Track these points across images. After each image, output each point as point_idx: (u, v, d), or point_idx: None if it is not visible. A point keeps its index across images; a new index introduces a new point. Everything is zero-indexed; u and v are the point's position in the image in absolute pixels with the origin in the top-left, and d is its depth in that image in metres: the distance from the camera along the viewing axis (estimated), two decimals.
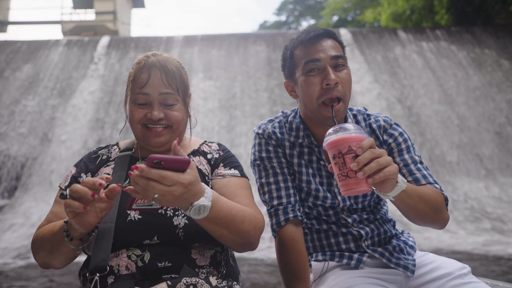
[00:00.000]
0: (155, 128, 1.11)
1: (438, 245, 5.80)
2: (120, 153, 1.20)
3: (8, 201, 7.95)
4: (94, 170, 1.16)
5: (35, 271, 4.72)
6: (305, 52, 1.15)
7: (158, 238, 1.01)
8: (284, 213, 1.19)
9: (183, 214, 1.02)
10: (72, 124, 9.30)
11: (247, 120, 9.31)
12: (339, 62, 1.14)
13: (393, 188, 0.91)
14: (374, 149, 0.86)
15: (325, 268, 1.27)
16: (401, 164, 1.20)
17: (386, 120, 1.26)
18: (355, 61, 10.67)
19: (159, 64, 1.11)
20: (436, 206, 1.08)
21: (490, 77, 10.36)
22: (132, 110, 1.12)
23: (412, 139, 7.58)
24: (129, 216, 1.02)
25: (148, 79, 1.09)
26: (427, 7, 14.70)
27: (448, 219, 1.14)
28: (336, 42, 1.18)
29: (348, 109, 1.27)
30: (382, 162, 0.85)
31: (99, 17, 16.70)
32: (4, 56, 11.06)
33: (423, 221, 1.10)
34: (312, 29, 1.18)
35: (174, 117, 1.12)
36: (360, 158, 0.85)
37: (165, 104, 1.11)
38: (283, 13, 28.66)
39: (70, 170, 1.18)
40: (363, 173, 0.85)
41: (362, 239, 1.24)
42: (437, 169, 8.71)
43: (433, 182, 1.16)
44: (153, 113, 1.09)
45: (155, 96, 1.09)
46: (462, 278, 1.13)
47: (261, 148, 1.27)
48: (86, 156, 1.22)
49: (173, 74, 1.12)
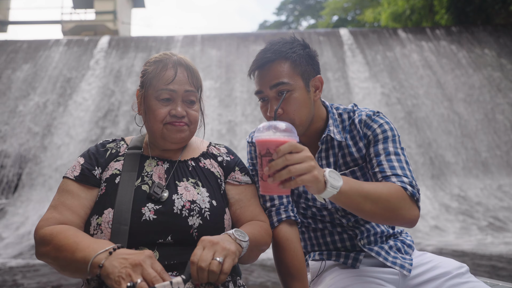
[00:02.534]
0: (178, 123, 1.11)
1: (438, 245, 5.81)
2: (129, 150, 1.17)
3: (9, 201, 7.96)
4: (104, 164, 1.13)
5: (35, 271, 4.73)
6: (254, 81, 1.19)
7: (172, 238, 1.01)
8: (277, 214, 1.20)
9: (197, 215, 1.04)
10: (72, 123, 9.31)
11: (247, 119, 9.31)
12: (281, 89, 1.12)
13: (321, 192, 0.89)
14: (292, 155, 0.83)
15: (323, 267, 1.28)
16: (372, 155, 1.16)
17: (369, 114, 1.22)
18: (355, 61, 10.68)
19: (184, 62, 1.14)
20: (389, 205, 1.00)
21: (490, 76, 10.37)
22: (156, 108, 1.10)
23: (411, 138, 7.52)
24: (143, 216, 1.01)
25: (175, 76, 1.10)
26: (427, 7, 14.69)
27: (415, 216, 1.05)
28: (284, 66, 1.13)
29: (334, 108, 1.29)
30: (294, 171, 0.82)
31: (99, 16, 16.70)
32: (4, 56, 11.07)
33: (375, 220, 1.06)
34: (260, 54, 1.16)
35: (194, 116, 1.14)
36: (272, 164, 0.83)
37: (188, 102, 1.13)
38: (283, 13, 28.64)
39: (78, 161, 1.14)
40: (273, 179, 0.84)
41: (357, 238, 1.25)
42: (436, 168, 8.72)
43: (401, 175, 1.08)
44: (178, 109, 1.10)
45: (181, 93, 1.11)
46: (460, 277, 1.14)
47: (252, 155, 1.33)
48: (93, 148, 1.18)
49: (196, 74, 1.16)
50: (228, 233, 0.97)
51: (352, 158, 1.23)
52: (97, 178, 1.11)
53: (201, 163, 1.19)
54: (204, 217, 1.04)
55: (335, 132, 1.22)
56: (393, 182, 1.07)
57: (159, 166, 1.15)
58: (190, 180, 1.13)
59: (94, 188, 1.09)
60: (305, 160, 0.84)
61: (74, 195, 1.06)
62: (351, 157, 1.23)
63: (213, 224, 1.05)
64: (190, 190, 1.09)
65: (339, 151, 1.24)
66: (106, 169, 1.13)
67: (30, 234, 6.53)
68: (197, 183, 1.13)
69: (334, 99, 9.68)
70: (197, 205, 1.05)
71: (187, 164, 1.17)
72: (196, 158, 1.20)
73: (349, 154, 1.23)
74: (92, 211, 1.06)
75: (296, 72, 1.14)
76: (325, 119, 1.26)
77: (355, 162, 1.23)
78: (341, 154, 1.24)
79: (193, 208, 1.04)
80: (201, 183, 1.13)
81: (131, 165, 1.12)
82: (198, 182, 1.13)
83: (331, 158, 1.25)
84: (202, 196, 1.08)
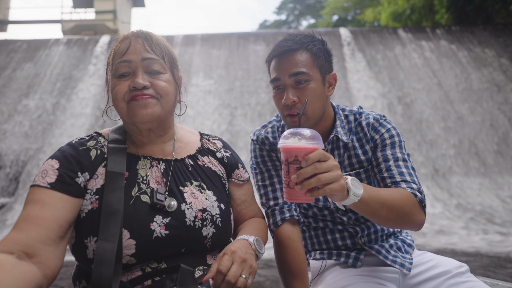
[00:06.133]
0: (140, 96, 0.94)
1: (437, 245, 5.81)
2: (111, 145, 1.00)
3: (9, 200, 7.97)
4: (91, 169, 0.94)
5: None
6: (271, 68, 1.19)
7: (185, 250, 0.95)
8: (281, 213, 1.21)
9: (210, 224, 0.98)
10: (72, 122, 9.31)
11: (248, 119, 9.31)
12: (300, 78, 1.13)
13: (344, 200, 0.90)
14: (320, 163, 0.83)
15: (323, 266, 1.28)
16: (380, 159, 1.18)
17: (376, 117, 1.24)
18: (355, 60, 10.68)
19: (141, 33, 1.00)
20: (402, 212, 1.02)
21: (490, 76, 10.37)
22: (115, 86, 0.96)
23: (411, 138, 7.53)
24: (154, 233, 0.90)
25: (129, 46, 0.97)
26: (427, 6, 14.70)
27: (423, 221, 1.08)
28: (304, 56, 1.15)
29: (340, 109, 1.30)
30: (323, 179, 0.82)
31: (99, 16, 16.69)
32: (4, 55, 11.07)
33: (387, 225, 1.07)
34: (281, 43, 1.17)
35: (162, 87, 0.97)
36: (301, 172, 0.83)
37: (150, 72, 0.97)
38: (283, 12, 28.65)
39: (50, 164, 0.91)
40: (301, 187, 0.83)
41: (358, 236, 1.26)
42: (436, 168, 8.72)
43: (410, 182, 1.11)
44: (137, 80, 0.94)
45: (138, 62, 0.96)
46: (459, 276, 1.14)
47: (256, 153, 1.32)
48: (68, 148, 0.96)
49: (157, 41, 1.01)
50: (250, 242, 0.95)
51: (358, 160, 1.24)
52: (82, 187, 0.91)
53: (200, 161, 1.09)
54: (217, 225, 1.00)
55: (342, 133, 1.23)
56: (403, 188, 1.09)
57: (154, 167, 1.01)
58: (194, 184, 1.03)
59: (76, 198, 0.89)
60: (333, 169, 0.84)
61: (45, 205, 0.84)
62: (357, 158, 1.24)
63: (224, 230, 1.02)
64: (198, 197, 1.00)
65: (344, 152, 1.25)
66: (94, 176, 0.94)
67: None
68: (202, 186, 1.04)
69: (334, 98, 9.69)
70: (208, 213, 0.99)
71: (185, 163, 1.06)
72: (193, 156, 1.10)
73: (355, 155, 1.24)
74: (85, 230, 0.89)
75: (316, 64, 1.16)
76: (333, 119, 1.27)
77: (361, 164, 1.24)
78: (347, 155, 1.25)
79: (205, 218, 0.98)
80: (206, 185, 1.05)
81: (117, 166, 0.95)
82: (202, 185, 1.04)
83: (336, 158, 1.25)
84: (211, 202, 1.02)
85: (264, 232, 1.11)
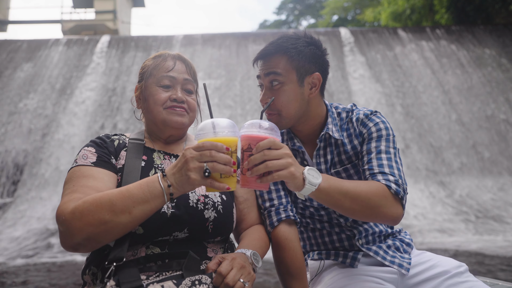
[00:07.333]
0: (178, 107, 1.16)
1: (436, 245, 5.82)
2: (131, 140, 1.18)
3: (9, 199, 7.97)
4: (115, 153, 1.12)
5: (35, 271, 4.73)
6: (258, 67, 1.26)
7: (188, 231, 1.04)
8: (276, 213, 1.21)
9: (212, 208, 1.08)
10: (72, 122, 9.31)
11: (248, 119, 9.32)
12: (272, 79, 1.18)
13: (301, 189, 0.93)
14: (270, 150, 0.88)
15: (322, 267, 1.28)
16: (364, 152, 1.19)
17: (366, 113, 1.25)
18: (355, 60, 10.68)
19: (181, 57, 1.23)
20: (369, 203, 1.02)
21: (490, 76, 10.37)
22: (156, 93, 1.15)
23: (411, 138, 7.51)
24: (162, 209, 1.01)
25: (174, 65, 1.19)
26: (427, 6, 14.69)
27: (398, 214, 1.06)
28: (279, 59, 1.18)
29: (334, 107, 1.31)
30: (271, 165, 0.87)
31: (99, 16, 16.71)
32: (4, 55, 11.07)
33: (356, 217, 1.07)
34: (266, 46, 1.23)
35: (192, 104, 1.20)
36: (251, 158, 0.88)
37: (186, 90, 1.19)
38: (283, 12, 28.65)
39: (88, 150, 1.08)
40: (251, 172, 0.89)
41: (355, 238, 1.26)
42: (436, 168, 8.72)
43: (388, 173, 1.10)
44: (178, 94, 1.16)
45: (180, 80, 1.18)
46: (458, 276, 1.14)
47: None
48: (97, 140, 1.14)
49: (192, 67, 1.25)
50: (247, 255, 1.01)
51: (347, 156, 1.25)
52: (115, 166, 1.09)
53: None
54: (218, 210, 1.09)
55: (333, 130, 1.24)
56: (378, 180, 1.09)
57: (167, 160, 1.17)
58: None
59: (114, 174, 1.07)
60: (283, 157, 0.88)
61: (96, 178, 1.00)
62: (346, 155, 1.25)
63: (226, 218, 1.10)
64: (202, 187, 1.10)
65: (335, 149, 1.26)
66: (118, 158, 1.12)
67: (31, 233, 6.54)
68: None
69: (334, 98, 9.69)
70: (210, 199, 1.10)
71: None
72: None
73: (344, 152, 1.25)
74: None
75: (292, 66, 1.18)
76: (325, 118, 1.27)
77: (349, 159, 1.25)
78: (337, 152, 1.26)
79: (207, 202, 1.09)
80: None
81: (135, 152, 1.13)
82: None
83: (328, 155, 1.26)
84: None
85: (264, 241, 1.16)
